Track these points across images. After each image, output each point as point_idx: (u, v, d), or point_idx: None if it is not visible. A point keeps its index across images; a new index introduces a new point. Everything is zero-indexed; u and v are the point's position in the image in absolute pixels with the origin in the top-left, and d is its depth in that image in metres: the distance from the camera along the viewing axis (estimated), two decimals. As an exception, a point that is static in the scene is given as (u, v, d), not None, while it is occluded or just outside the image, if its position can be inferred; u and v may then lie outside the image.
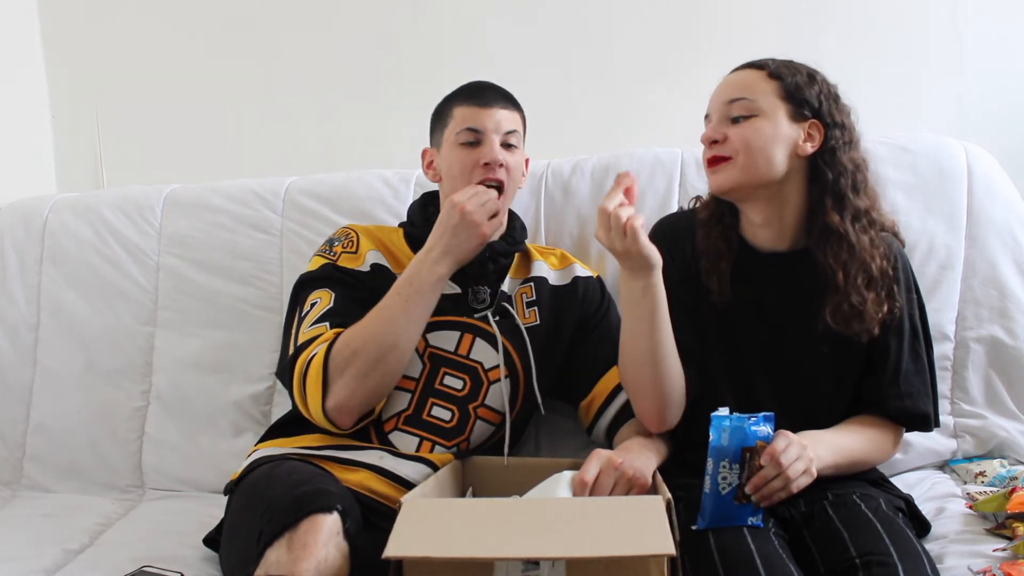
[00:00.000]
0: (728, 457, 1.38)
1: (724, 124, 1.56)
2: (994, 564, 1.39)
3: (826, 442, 1.50)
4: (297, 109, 2.52)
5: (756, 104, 1.55)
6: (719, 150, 1.56)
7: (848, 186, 1.57)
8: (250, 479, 1.54)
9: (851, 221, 1.56)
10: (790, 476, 1.38)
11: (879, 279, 1.57)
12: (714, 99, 1.61)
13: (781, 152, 1.55)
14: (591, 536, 1.17)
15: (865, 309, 1.55)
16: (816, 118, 1.56)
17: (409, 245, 1.80)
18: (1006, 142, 2.16)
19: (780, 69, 1.57)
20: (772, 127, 1.54)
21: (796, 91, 1.55)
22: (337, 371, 1.56)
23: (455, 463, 1.63)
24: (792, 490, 1.39)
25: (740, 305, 1.61)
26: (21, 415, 2.12)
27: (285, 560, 1.28)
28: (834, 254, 1.55)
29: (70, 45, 2.58)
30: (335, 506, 1.33)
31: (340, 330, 1.60)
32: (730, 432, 1.38)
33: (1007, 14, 2.30)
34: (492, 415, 1.73)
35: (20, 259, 2.19)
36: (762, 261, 1.62)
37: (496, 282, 1.79)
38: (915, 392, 1.60)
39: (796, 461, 1.39)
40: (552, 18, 2.43)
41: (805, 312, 1.59)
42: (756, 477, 1.38)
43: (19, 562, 1.66)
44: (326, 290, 1.68)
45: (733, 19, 2.38)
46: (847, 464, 1.53)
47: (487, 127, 1.71)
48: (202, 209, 2.17)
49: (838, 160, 1.56)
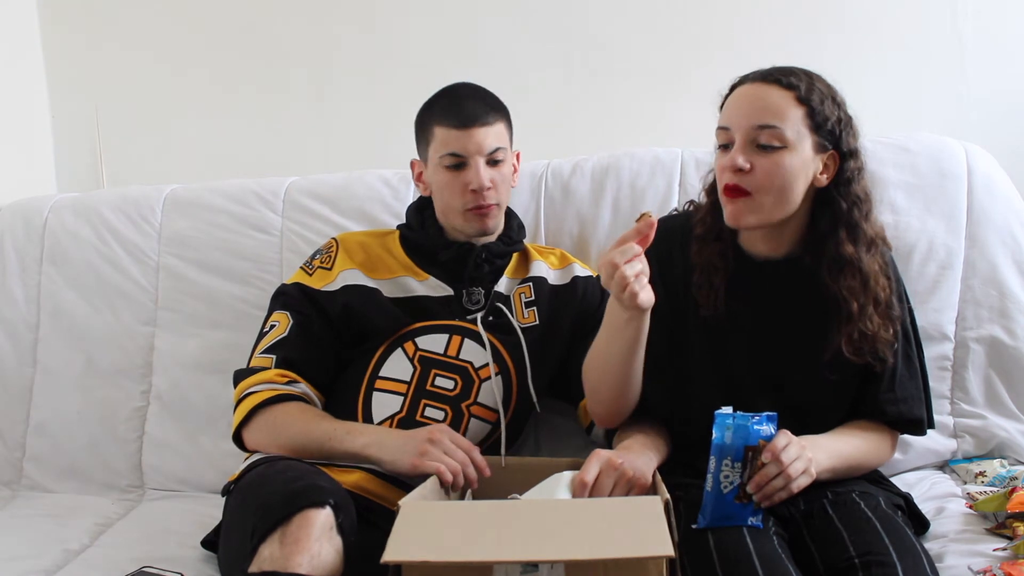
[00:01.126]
0: (731, 455, 1.38)
1: (750, 150, 1.47)
2: (994, 564, 1.39)
3: (823, 447, 1.48)
4: (297, 109, 2.52)
5: (786, 135, 1.46)
6: (744, 181, 1.47)
7: (862, 216, 1.53)
8: (246, 479, 1.55)
9: (865, 251, 1.52)
10: (791, 475, 1.37)
11: (885, 301, 1.54)
12: (738, 116, 1.49)
13: (802, 187, 1.49)
14: (590, 538, 1.17)
15: (877, 335, 1.52)
16: (835, 148, 1.51)
17: (404, 248, 1.81)
18: (1006, 142, 2.16)
19: (809, 93, 1.48)
20: (800, 162, 1.47)
21: (823, 121, 1.48)
22: (260, 425, 1.67)
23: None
24: (792, 490, 1.39)
25: (733, 313, 1.57)
26: (21, 415, 2.12)
27: (278, 555, 1.28)
28: (847, 284, 1.52)
29: (70, 45, 2.57)
30: (328, 501, 1.33)
31: (282, 372, 1.69)
32: (733, 430, 1.37)
33: (1007, 14, 2.29)
34: (487, 413, 1.73)
35: (20, 259, 2.20)
36: (757, 269, 1.59)
37: (491, 282, 1.80)
38: (909, 397, 1.60)
39: (796, 461, 1.38)
40: (552, 18, 2.42)
41: (802, 322, 1.57)
42: (759, 475, 1.38)
43: (19, 562, 1.66)
44: (285, 315, 1.75)
45: (733, 19, 2.37)
46: (845, 468, 1.53)
47: (469, 150, 1.71)
48: (202, 209, 2.17)
49: (852, 191, 1.52)
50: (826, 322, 1.54)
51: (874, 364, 1.54)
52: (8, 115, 2.44)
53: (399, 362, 1.73)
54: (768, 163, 1.46)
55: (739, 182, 1.48)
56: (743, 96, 1.51)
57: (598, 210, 2.05)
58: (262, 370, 1.70)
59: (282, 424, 1.64)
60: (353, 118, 2.50)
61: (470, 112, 1.72)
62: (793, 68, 1.51)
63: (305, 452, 1.60)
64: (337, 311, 1.74)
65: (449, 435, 1.53)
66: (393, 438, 1.57)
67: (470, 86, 1.79)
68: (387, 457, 1.54)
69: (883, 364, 1.55)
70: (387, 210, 2.09)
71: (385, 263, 1.79)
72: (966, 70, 2.30)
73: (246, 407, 1.67)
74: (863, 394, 1.60)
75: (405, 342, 1.74)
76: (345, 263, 1.78)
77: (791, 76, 1.49)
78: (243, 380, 1.71)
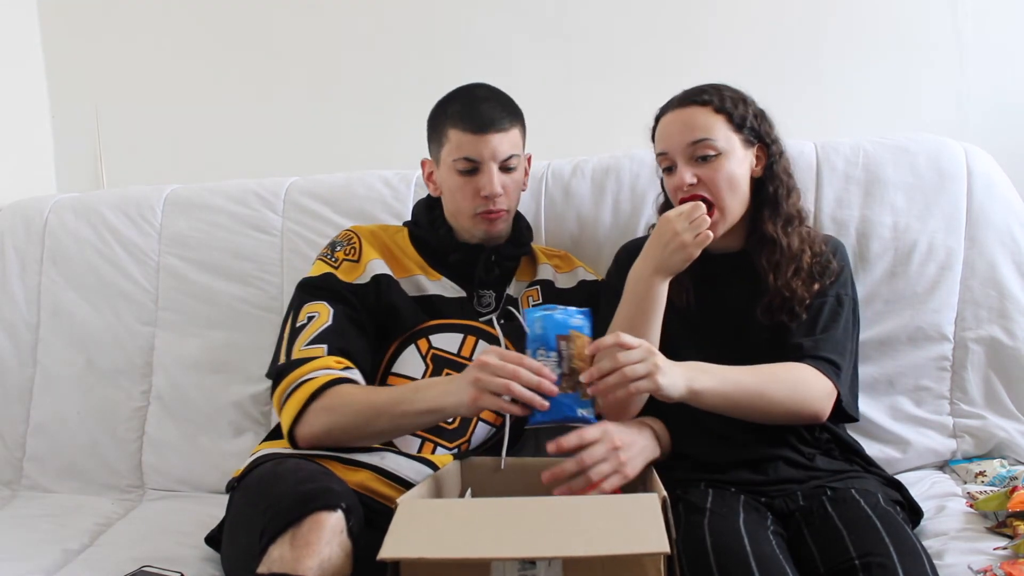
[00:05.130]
0: (543, 345, 1.42)
1: (692, 166, 1.62)
2: (995, 563, 1.39)
3: (710, 371, 1.50)
4: (297, 109, 2.53)
5: (718, 144, 1.61)
6: (697, 190, 1.61)
7: (784, 195, 1.68)
8: (253, 476, 1.53)
9: (783, 227, 1.66)
10: (627, 374, 1.39)
11: (808, 267, 1.65)
12: (672, 140, 1.64)
13: (745, 183, 1.65)
14: (587, 535, 1.16)
15: (793, 296, 1.62)
16: (759, 141, 1.67)
17: (414, 246, 1.80)
18: (1006, 142, 2.16)
19: (722, 102, 1.64)
20: (736, 163, 1.63)
21: (741, 121, 1.64)
22: (319, 411, 1.56)
23: (454, 464, 1.63)
24: (631, 391, 1.40)
25: (704, 307, 1.68)
26: (21, 415, 2.13)
27: (288, 557, 1.27)
28: (767, 257, 1.65)
29: (70, 45, 2.58)
30: (339, 504, 1.32)
31: (338, 359, 1.61)
32: (542, 321, 1.44)
33: (1007, 14, 2.30)
34: (493, 416, 1.73)
35: (20, 259, 2.20)
36: (717, 263, 1.68)
37: (501, 285, 1.79)
38: (825, 341, 1.61)
39: (638, 363, 1.40)
40: (552, 18, 2.43)
41: (747, 306, 1.66)
42: (593, 368, 1.41)
43: (19, 562, 1.66)
44: (325, 304, 1.68)
45: (733, 19, 2.38)
46: (744, 396, 1.52)
47: (484, 156, 1.69)
48: (202, 209, 2.18)
49: (776, 174, 1.68)
50: (758, 296, 1.65)
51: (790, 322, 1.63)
52: (8, 115, 2.45)
53: (412, 359, 1.71)
54: (711, 171, 1.62)
55: (696, 192, 1.62)
56: (670, 123, 1.66)
57: (598, 211, 2.05)
58: (315, 359, 1.61)
59: (343, 404, 1.56)
60: (353, 118, 2.50)
61: (487, 117, 1.69)
62: (703, 86, 1.67)
63: (373, 428, 1.56)
64: (371, 303, 1.70)
65: (496, 354, 1.45)
66: (451, 383, 1.50)
67: (486, 87, 1.76)
68: (452, 402, 1.48)
69: (796, 320, 1.63)
70: (387, 210, 2.09)
71: (400, 261, 1.78)
72: (966, 70, 2.31)
73: (305, 392, 1.57)
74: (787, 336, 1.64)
75: (419, 339, 1.72)
76: (370, 253, 1.75)
77: (703, 94, 1.65)
78: (293, 371, 1.61)
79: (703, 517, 1.43)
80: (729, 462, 1.58)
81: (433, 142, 1.78)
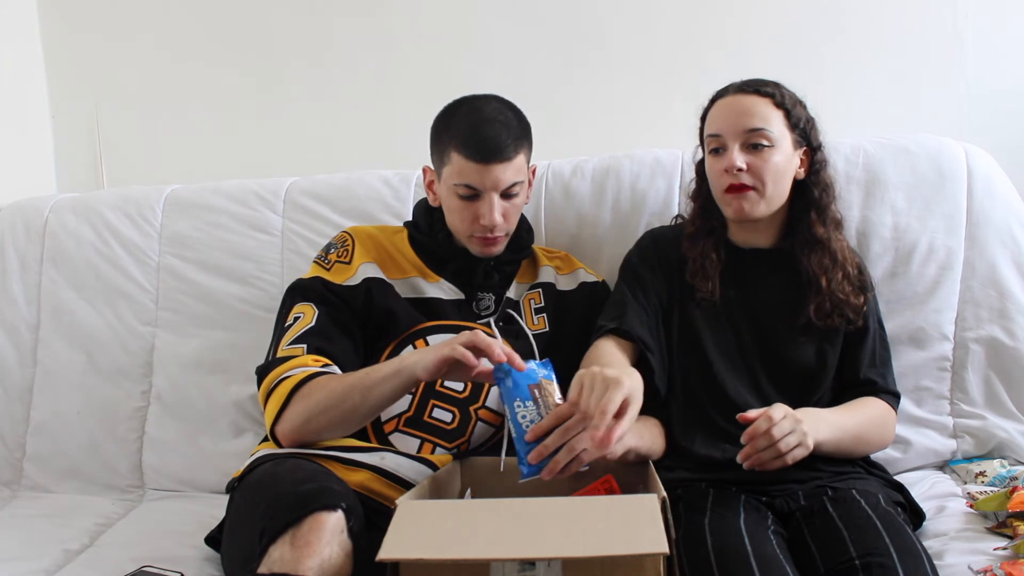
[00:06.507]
0: (519, 396, 1.43)
1: (745, 152, 1.63)
2: (995, 563, 1.39)
3: (824, 419, 1.55)
4: (297, 109, 2.53)
5: (773, 135, 1.63)
6: (743, 178, 1.63)
7: (829, 201, 1.71)
8: (253, 476, 1.53)
9: (833, 230, 1.70)
10: (781, 448, 1.43)
11: (855, 277, 1.70)
12: (728, 123, 1.65)
13: (789, 179, 1.67)
14: (587, 536, 1.16)
15: (847, 302, 1.67)
16: (807, 145, 1.69)
17: (413, 248, 1.80)
18: (1006, 142, 2.16)
19: (783, 99, 1.66)
20: (784, 158, 1.65)
21: (797, 122, 1.66)
22: (296, 402, 1.58)
23: (453, 464, 1.63)
24: (787, 461, 1.44)
25: (728, 301, 1.70)
26: (21, 415, 2.13)
27: (288, 557, 1.27)
28: (818, 261, 1.68)
29: (70, 45, 2.58)
30: (339, 504, 1.32)
31: (316, 357, 1.63)
32: (511, 376, 1.45)
33: (1007, 14, 2.30)
34: (492, 416, 1.73)
35: (21, 259, 2.20)
36: (746, 258, 1.73)
37: (501, 288, 1.79)
38: (887, 374, 1.72)
39: (789, 435, 1.43)
40: (552, 19, 2.43)
41: (787, 304, 1.69)
42: (748, 447, 1.44)
43: (19, 562, 1.66)
44: (311, 306, 1.70)
45: (734, 20, 2.38)
46: (850, 441, 1.59)
47: (486, 186, 1.66)
48: (202, 209, 2.18)
49: (821, 179, 1.70)
50: (802, 296, 1.69)
51: (844, 327, 1.68)
52: (8, 115, 2.45)
53: None
54: (761, 160, 1.63)
55: (741, 180, 1.63)
56: (729, 105, 1.67)
57: (598, 211, 2.05)
58: (293, 358, 1.63)
59: (318, 389, 1.57)
60: (353, 118, 2.50)
61: (491, 146, 1.64)
62: (764, 79, 1.69)
63: (345, 407, 1.55)
64: (360, 305, 1.71)
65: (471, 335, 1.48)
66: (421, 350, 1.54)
67: (495, 105, 1.71)
68: (412, 360, 1.51)
69: (852, 325, 1.68)
70: (387, 210, 2.09)
71: (397, 262, 1.78)
72: (966, 70, 2.31)
73: (284, 389, 1.59)
74: (851, 368, 1.69)
75: (416, 340, 1.72)
76: (362, 256, 1.76)
77: (766, 86, 1.67)
78: (272, 371, 1.63)
79: (704, 517, 1.44)
80: (730, 461, 1.59)
81: (435, 155, 1.75)
